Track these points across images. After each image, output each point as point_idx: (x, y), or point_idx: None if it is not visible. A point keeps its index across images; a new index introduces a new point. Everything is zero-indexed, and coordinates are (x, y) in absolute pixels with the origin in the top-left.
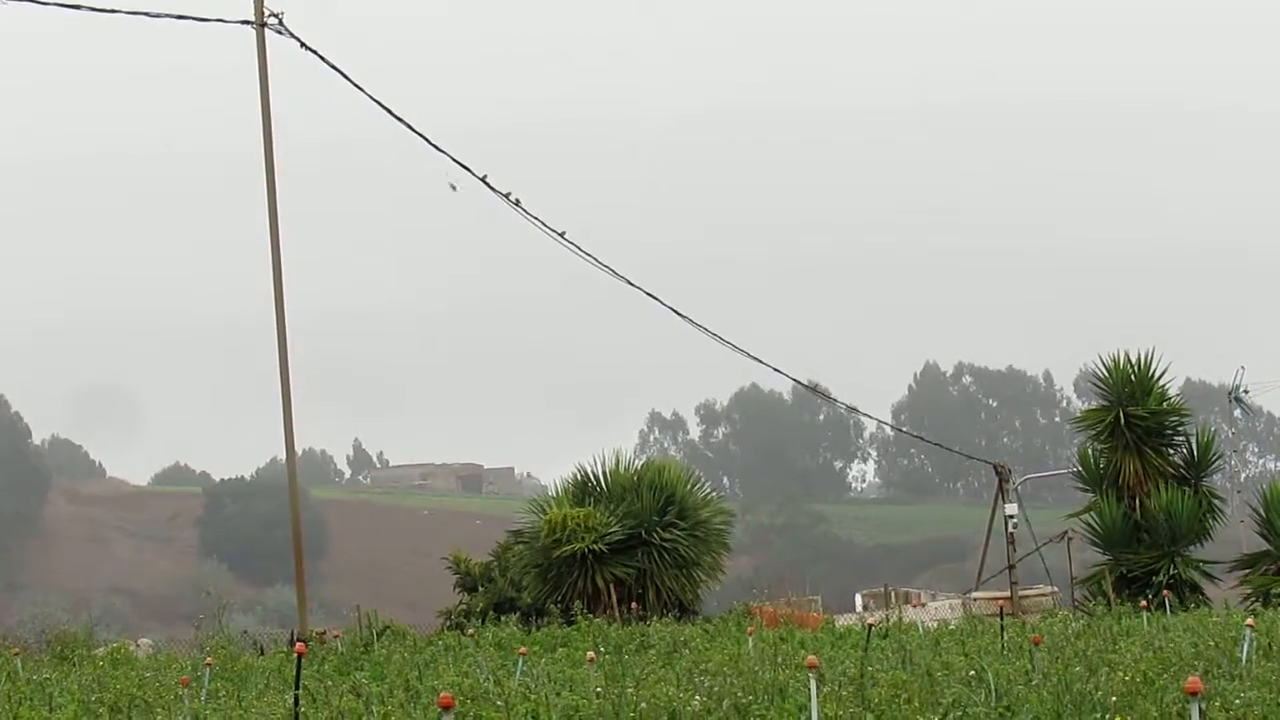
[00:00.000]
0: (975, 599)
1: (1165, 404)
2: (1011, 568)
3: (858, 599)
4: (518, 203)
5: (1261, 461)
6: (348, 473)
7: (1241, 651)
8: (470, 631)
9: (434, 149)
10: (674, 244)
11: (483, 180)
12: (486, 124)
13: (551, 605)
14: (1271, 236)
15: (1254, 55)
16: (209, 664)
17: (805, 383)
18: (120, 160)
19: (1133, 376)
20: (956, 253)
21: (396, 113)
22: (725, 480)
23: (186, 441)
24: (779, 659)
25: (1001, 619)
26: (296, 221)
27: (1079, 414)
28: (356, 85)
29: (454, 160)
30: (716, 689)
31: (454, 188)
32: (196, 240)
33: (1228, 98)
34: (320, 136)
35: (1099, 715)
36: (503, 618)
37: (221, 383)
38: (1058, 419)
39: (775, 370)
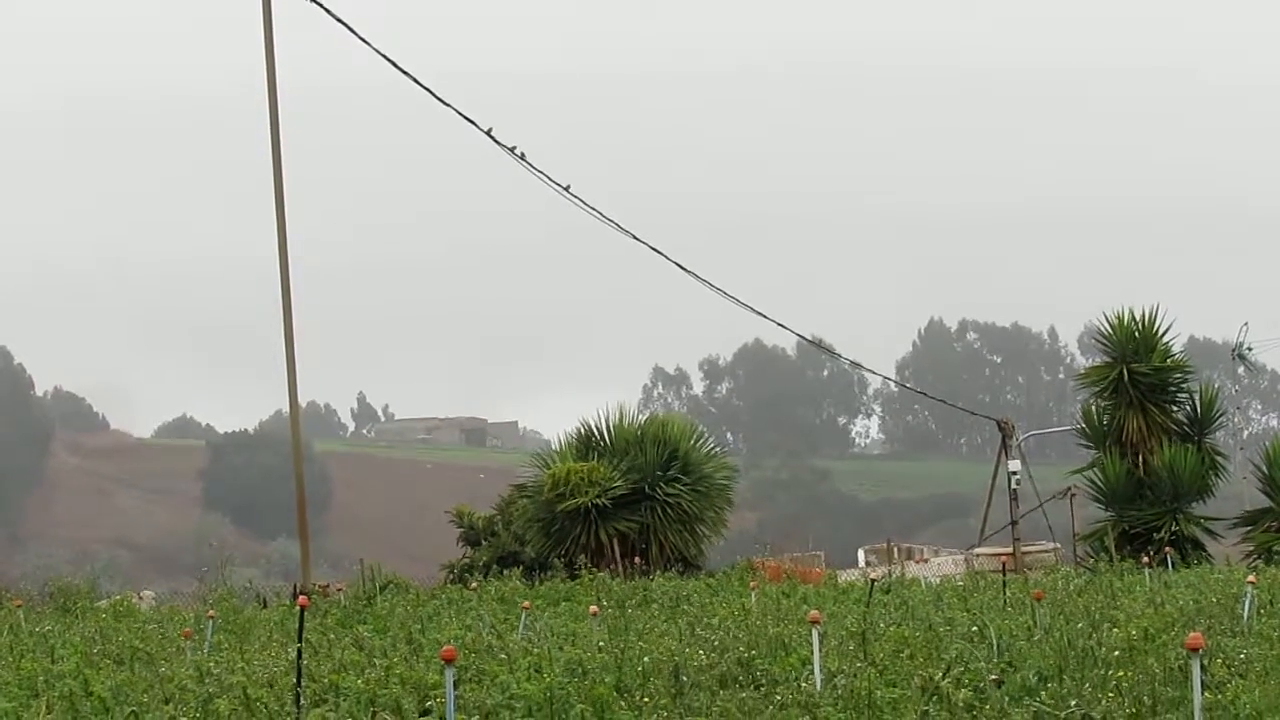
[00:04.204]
0: (978, 555)
1: (1169, 361)
2: (1014, 524)
3: (860, 554)
4: (523, 156)
5: (1265, 419)
6: (351, 426)
7: (1243, 608)
8: (473, 585)
9: (440, 103)
10: (679, 198)
11: (487, 134)
12: (492, 76)
13: (555, 559)
14: (1277, 195)
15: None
16: (212, 616)
17: (809, 338)
18: (123, 108)
19: (1136, 333)
20: (961, 209)
21: (403, 67)
22: (728, 435)
23: (190, 394)
24: (782, 614)
25: (1004, 575)
26: (298, 173)
27: (1083, 371)
28: (363, 39)
29: (460, 114)
30: (720, 643)
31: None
32: (196, 189)
33: (1231, 67)
34: (325, 89)
35: (1101, 671)
36: (506, 571)
37: (225, 334)
38: (1061, 376)
39: (779, 325)
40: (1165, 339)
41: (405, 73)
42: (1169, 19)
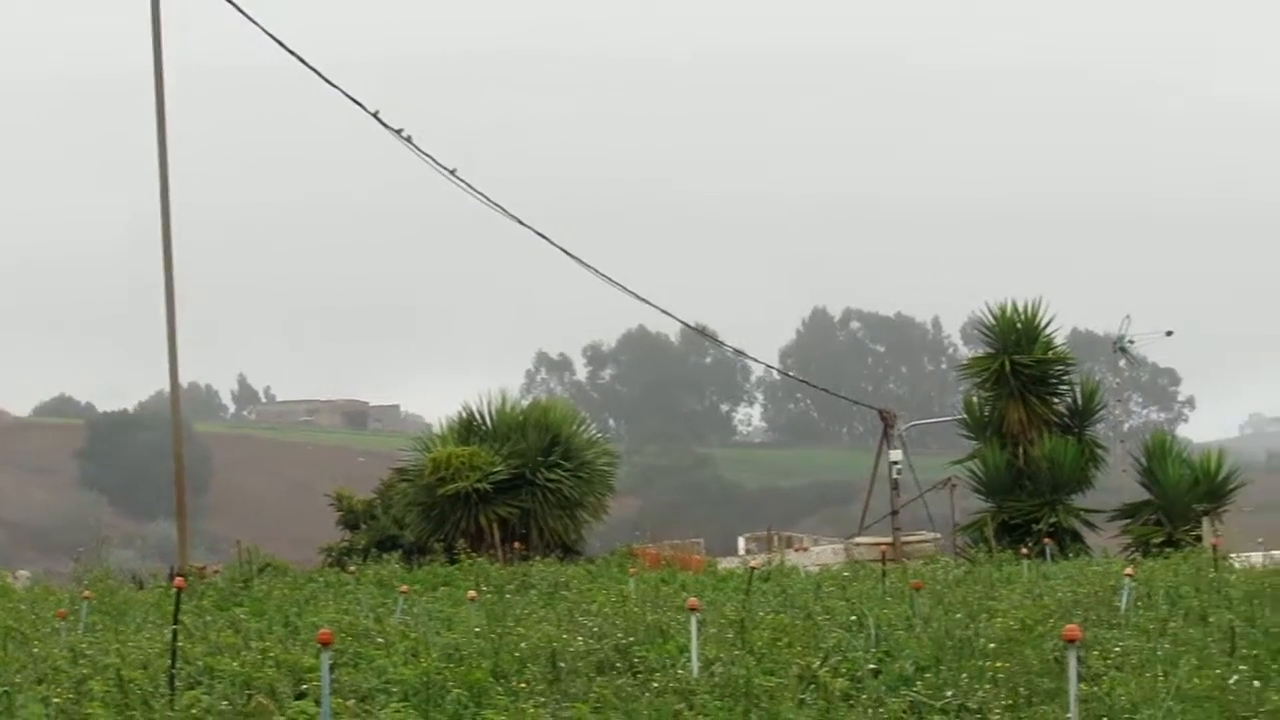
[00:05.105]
0: (858, 544)
1: (1051, 353)
2: (895, 513)
3: (741, 542)
4: (409, 139)
5: (1145, 412)
6: (232, 407)
7: (1121, 600)
8: (352, 568)
9: (328, 84)
10: (566, 184)
11: (374, 116)
12: (381, 56)
13: (434, 543)
14: (1160, 190)
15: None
16: (87, 597)
17: (693, 325)
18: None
19: (1019, 325)
20: (847, 198)
21: (291, 47)
22: (611, 422)
23: (70, 373)
24: (660, 601)
25: (883, 564)
26: (183, 153)
27: (965, 361)
28: (250, 18)
29: (347, 96)
30: (598, 629)
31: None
32: (79, 167)
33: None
34: (212, 70)
35: (978, 661)
36: (385, 555)
37: (106, 313)
38: (944, 366)
39: (663, 312)
40: (1048, 331)
41: (293, 53)
42: (1064, 18)
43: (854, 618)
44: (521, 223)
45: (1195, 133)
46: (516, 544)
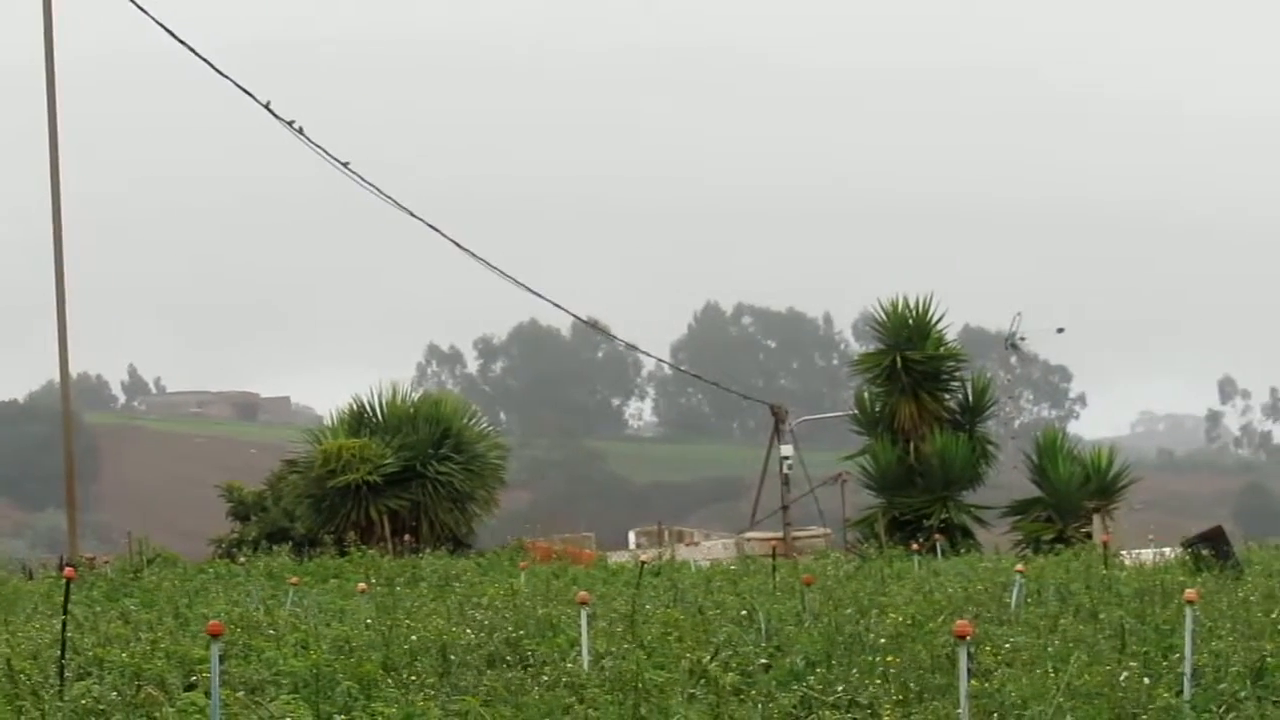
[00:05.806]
0: (749, 539)
1: (942, 349)
2: (786, 509)
3: (631, 536)
4: (301, 131)
5: (1036, 409)
6: (122, 398)
7: (1011, 597)
8: (242, 560)
9: (219, 75)
10: (459, 178)
11: (265, 107)
12: (274, 42)
13: (325, 536)
14: (1054, 190)
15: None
16: None
17: (584, 319)
18: None
19: (911, 321)
20: (739, 194)
21: (182, 37)
22: (502, 415)
23: None
24: (551, 595)
25: (774, 559)
26: (77, 141)
27: (857, 357)
28: (140, 8)
29: (238, 86)
30: (488, 623)
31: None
32: None
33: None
34: (102, 60)
35: (869, 657)
36: (275, 547)
37: None
38: (836, 362)
39: (555, 305)
40: (939, 327)
41: (183, 43)
42: (957, 19)
43: (745, 613)
44: (414, 215)
45: (1085, 134)
46: (407, 537)
